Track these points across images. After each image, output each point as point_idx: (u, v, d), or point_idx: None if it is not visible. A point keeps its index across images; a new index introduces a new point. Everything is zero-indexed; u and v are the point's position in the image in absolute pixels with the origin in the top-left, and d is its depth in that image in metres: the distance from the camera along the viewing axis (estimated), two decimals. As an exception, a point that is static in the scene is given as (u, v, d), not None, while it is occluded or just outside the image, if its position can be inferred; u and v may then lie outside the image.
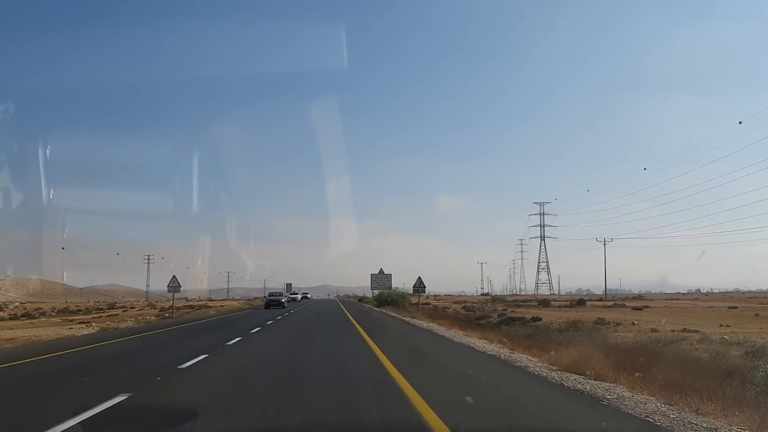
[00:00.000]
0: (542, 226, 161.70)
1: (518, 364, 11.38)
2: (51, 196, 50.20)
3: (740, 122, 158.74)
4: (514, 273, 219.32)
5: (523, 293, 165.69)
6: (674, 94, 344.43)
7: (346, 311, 43.65)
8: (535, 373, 10.12)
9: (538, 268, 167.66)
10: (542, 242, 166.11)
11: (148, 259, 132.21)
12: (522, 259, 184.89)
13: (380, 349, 14.01)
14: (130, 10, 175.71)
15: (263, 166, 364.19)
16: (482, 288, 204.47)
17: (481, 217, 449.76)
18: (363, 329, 22.14)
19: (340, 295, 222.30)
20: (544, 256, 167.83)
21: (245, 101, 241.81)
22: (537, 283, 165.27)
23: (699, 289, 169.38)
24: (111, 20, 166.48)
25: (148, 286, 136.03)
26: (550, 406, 7.40)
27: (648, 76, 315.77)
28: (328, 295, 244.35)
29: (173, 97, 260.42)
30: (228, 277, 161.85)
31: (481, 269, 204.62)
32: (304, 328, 24.77)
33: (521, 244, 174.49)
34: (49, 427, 5.71)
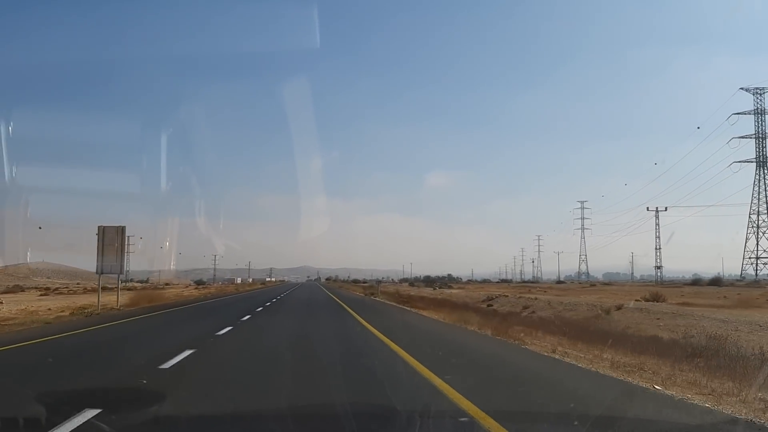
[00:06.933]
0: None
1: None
2: (14, 174, 50.03)
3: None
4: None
5: (570, 279, 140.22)
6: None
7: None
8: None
9: (657, 245, 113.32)
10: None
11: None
12: (583, 236, 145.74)
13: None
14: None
15: (241, 144, 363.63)
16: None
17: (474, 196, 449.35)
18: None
19: (322, 279, 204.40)
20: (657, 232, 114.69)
21: (218, 80, 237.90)
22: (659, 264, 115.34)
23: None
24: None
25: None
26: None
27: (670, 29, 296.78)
28: (308, 277, 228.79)
29: (142, 75, 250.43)
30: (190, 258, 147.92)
31: (538, 243, 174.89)
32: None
33: (582, 207, 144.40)
34: None
